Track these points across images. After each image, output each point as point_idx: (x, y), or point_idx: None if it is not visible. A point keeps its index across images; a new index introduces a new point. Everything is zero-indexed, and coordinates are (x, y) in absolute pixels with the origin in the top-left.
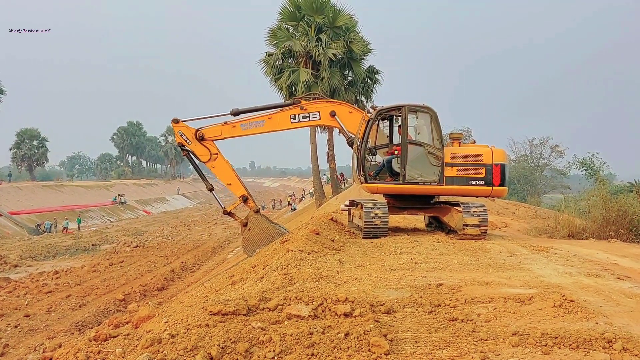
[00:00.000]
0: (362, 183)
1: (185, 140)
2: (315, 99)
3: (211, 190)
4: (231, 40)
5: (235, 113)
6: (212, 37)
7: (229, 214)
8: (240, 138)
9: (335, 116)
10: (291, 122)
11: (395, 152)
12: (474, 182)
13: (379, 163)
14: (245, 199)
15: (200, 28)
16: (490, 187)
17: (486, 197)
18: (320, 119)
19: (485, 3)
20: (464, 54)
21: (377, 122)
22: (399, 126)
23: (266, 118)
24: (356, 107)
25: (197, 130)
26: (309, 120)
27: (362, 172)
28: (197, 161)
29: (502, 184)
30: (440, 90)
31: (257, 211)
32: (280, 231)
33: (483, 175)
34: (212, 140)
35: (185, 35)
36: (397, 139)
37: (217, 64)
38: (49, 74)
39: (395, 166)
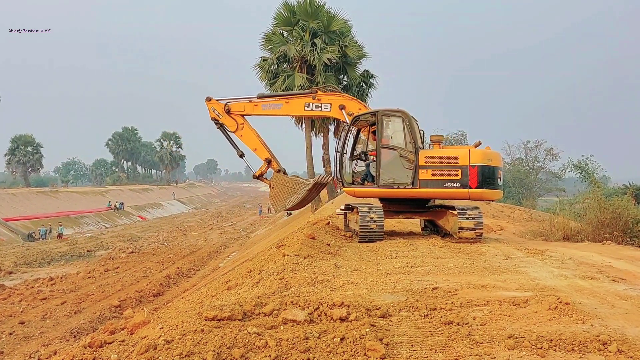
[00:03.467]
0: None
1: (217, 115)
2: (332, 92)
3: (242, 156)
4: (231, 46)
5: (261, 96)
6: (211, 45)
7: (259, 177)
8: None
9: (343, 110)
10: (305, 110)
11: (370, 157)
12: (449, 185)
13: (355, 169)
14: (269, 162)
15: (199, 35)
16: (467, 190)
17: (466, 199)
18: (330, 110)
19: (483, 6)
20: (460, 56)
21: (363, 128)
22: (374, 132)
23: (284, 102)
24: (366, 106)
25: (225, 104)
26: (321, 110)
27: (339, 177)
28: (229, 133)
29: (480, 186)
30: (435, 93)
31: (279, 171)
32: (298, 181)
33: (459, 177)
34: (238, 114)
35: (184, 42)
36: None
37: (215, 70)
38: (44, 79)
39: (372, 170)
